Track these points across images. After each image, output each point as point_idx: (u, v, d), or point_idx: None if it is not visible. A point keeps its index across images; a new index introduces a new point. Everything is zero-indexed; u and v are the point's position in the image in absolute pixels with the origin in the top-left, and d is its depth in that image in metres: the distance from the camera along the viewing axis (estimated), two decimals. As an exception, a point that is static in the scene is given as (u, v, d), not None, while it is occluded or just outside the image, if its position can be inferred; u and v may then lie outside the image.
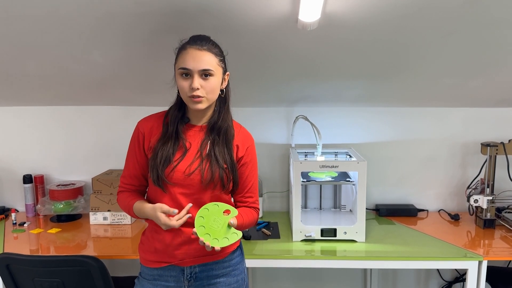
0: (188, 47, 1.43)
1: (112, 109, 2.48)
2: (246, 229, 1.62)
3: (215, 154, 1.49)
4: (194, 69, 1.41)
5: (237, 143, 1.55)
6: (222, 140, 1.51)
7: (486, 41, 1.75)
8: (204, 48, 1.42)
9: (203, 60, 1.41)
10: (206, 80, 1.43)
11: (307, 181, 2.18)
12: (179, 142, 1.50)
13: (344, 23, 1.62)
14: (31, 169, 2.53)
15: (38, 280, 1.73)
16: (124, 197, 1.57)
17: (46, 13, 1.55)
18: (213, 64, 1.43)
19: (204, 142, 1.51)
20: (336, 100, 2.37)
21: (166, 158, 1.47)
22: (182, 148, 1.50)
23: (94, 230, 2.23)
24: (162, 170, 1.46)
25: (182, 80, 1.44)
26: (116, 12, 1.55)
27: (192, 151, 1.50)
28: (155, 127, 1.53)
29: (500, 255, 1.94)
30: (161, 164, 1.46)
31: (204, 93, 1.43)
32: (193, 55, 1.41)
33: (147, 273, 1.56)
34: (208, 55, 1.42)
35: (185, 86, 1.43)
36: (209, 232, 1.41)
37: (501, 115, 2.45)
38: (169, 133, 1.50)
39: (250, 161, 1.58)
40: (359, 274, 2.67)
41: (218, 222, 1.43)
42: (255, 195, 1.62)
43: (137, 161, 1.55)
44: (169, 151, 1.48)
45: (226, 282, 1.56)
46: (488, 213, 2.22)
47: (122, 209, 1.60)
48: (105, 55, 1.87)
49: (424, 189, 2.53)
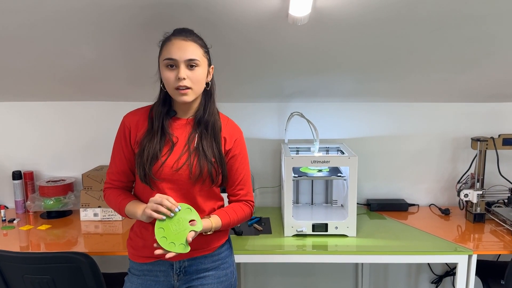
0: (172, 38, 1.43)
1: (102, 104, 2.46)
2: (238, 224, 1.61)
3: (203, 148, 1.48)
4: (180, 59, 1.40)
5: (225, 135, 1.54)
6: (210, 133, 1.50)
7: (475, 36, 1.76)
8: (189, 39, 1.42)
9: (189, 50, 1.41)
10: (192, 71, 1.42)
11: (299, 176, 2.18)
12: (165, 137, 1.49)
13: (335, 18, 1.61)
14: (20, 165, 2.50)
15: (28, 277, 1.72)
16: (114, 195, 1.55)
17: (34, 7, 1.53)
18: (199, 55, 1.43)
19: (191, 136, 1.50)
20: (327, 95, 2.37)
21: (153, 155, 1.45)
22: (169, 143, 1.49)
23: (85, 227, 2.22)
24: (149, 167, 1.45)
25: (167, 72, 1.43)
26: (105, 6, 1.53)
27: (179, 145, 1.49)
28: (141, 121, 1.52)
29: (489, 249, 1.96)
30: (148, 162, 1.45)
31: (190, 83, 1.42)
32: (179, 45, 1.41)
33: (136, 268, 1.56)
34: (194, 46, 1.42)
35: (171, 77, 1.42)
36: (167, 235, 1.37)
37: (491, 110, 2.46)
38: (155, 129, 1.49)
39: (239, 154, 1.57)
40: (350, 269, 2.68)
41: (180, 227, 1.39)
42: (246, 187, 1.60)
43: (124, 156, 1.53)
44: (155, 147, 1.46)
45: (215, 276, 1.56)
46: (478, 207, 2.24)
47: (110, 206, 1.58)
48: (94, 50, 1.85)
49: (415, 184, 2.54)
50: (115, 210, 1.57)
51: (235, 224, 1.56)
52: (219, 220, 1.49)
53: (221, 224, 1.49)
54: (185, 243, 1.37)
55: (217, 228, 1.49)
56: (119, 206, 1.52)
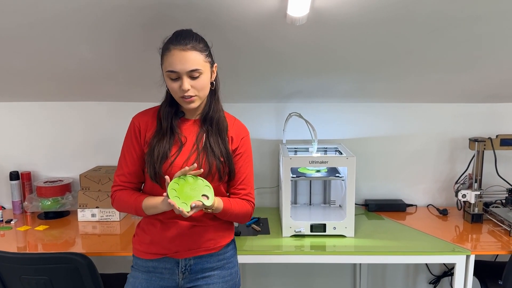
0: (172, 48, 1.40)
1: (100, 104, 2.45)
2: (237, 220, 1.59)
3: (211, 145, 1.49)
4: (182, 71, 1.40)
5: (232, 134, 1.56)
6: (216, 130, 1.52)
7: (473, 37, 1.76)
8: (188, 47, 1.39)
9: (189, 61, 1.39)
10: (196, 80, 1.42)
11: (297, 176, 2.18)
12: (174, 137, 1.50)
13: (333, 19, 1.61)
14: (18, 165, 2.49)
15: (26, 278, 1.71)
16: (126, 195, 1.53)
17: (33, 7, 1.52)
18: (200, 63, 1.42)
19: (199, 135, 1.51)
20: (325, 95, 2.37)
21: (163, 154, 1.46)
22: (178, 143, 1.50)
23: (82, 227, 2.21)
24: (159, 166, 1.46)
25: (171, 82, 1.43)
26: (105, 6, 1.53)
27: (188, 145, 1.50)
28: (150, 122, 1.53)
29: (487, 249, 1.96)
30: (158, 161, 1.46)
31: (195, 92, 1.43)
32: (179, 57, 1.39)
33: (141, 264, 1.56)
34: (194, 54, 1.40)
35: (175, 88, 1.43)
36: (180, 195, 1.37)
37: (489, 110, 2.47)
38: (164, 129, 1.50)
39: (244, 152, 1.58)
40: (348, 269, 2.68)
41: (193, 192, 1.39)
42: (248, 187, 1.60)
43: (136, 156, 1.53)
44: (165, 147, 1.47)
45: (220, 275, 1.56)
46: (476, 208, 2.24)
47: (121, 209, 1.56)
48: (93, 50, 1.85)
49: (413, 184, 2.54)
50: (126, 210, 1.55)
51: (234, 216, 1.54)
52: (221, 202, 1.48)
53: (222, 207, 1.48)
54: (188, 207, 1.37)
55: (217, 209, 1.47)
56: (135, 203, 1.50)
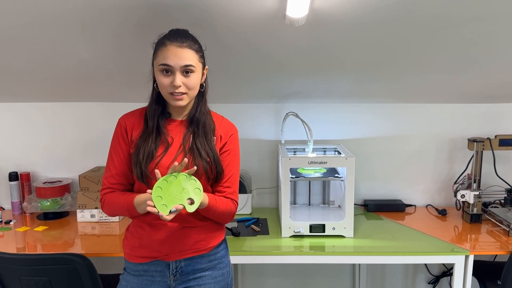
0: (168, 43, 1.41)
1: (99, 105, 2.46)
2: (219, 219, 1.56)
3: (197, 146, 1.48)
4: (175, 66, 1.41)
5: (221, 133, 1.55)
6: (202, 132, 1.51)
7: (472, 37, 1.76)
8: (185, 45, 1.41)
9: (184, 57, 1.41)
10: (188, 77, 1.43)
11: (296, 177, 2.18)
12: (160, 137, 1.49)
13: (332, 19, 1.61)
14: (17, 166, 2.49)
15: (25, 278, 1.71)
16: (115, 196, 1.50)
17: (28, 8, 1.52)
18: (194, 61, 1.43)
19: (186, 136, 1.51)
20: (324, 96, 2.37)
21: (148, 153, 1.46)
22: (165, 143, 1.49)
23: (82, 228, 2.21)
24: (145, 166, 1.45)
25: (162, 77, 1.43)
26: (102, 7, 1.53)
27: (174, 146, 1.50)
28: (137, 122, 1.53)
29: (486, 249, 1.96)
30: (144, 160, 1.45)
31: (185, 89, 1.43)
32: (175, 52, 1.40)
33: (132, 268, 1.55)
34: (190, 52, 1.42)
35: (166, 83, 1.43)
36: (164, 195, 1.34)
37: (488, 110, 2.47)
38: (150, 128, 1.49)
39: (231, 150, 1.56)
40: (348, 270, 2.68)
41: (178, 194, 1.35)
42: (233, 186, 1.57)
43: (124, 156, 1.52)
44: (151, 146, 1.47)
45: (212, 276, 1.55)
46: (475, 208, 2.24)
47: (112, 211, 1.54)
48: (91, 50, 1.85)
49: (412, 185, 2.54)
50: (117, 213, 1.54)
51: (218, 214, 1.51)
52: (206, 198, 1.44)
53: (207, 203, 1.44)
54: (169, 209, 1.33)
55: (202, 205, 1.43)
56: (127, 200, 1.47)
